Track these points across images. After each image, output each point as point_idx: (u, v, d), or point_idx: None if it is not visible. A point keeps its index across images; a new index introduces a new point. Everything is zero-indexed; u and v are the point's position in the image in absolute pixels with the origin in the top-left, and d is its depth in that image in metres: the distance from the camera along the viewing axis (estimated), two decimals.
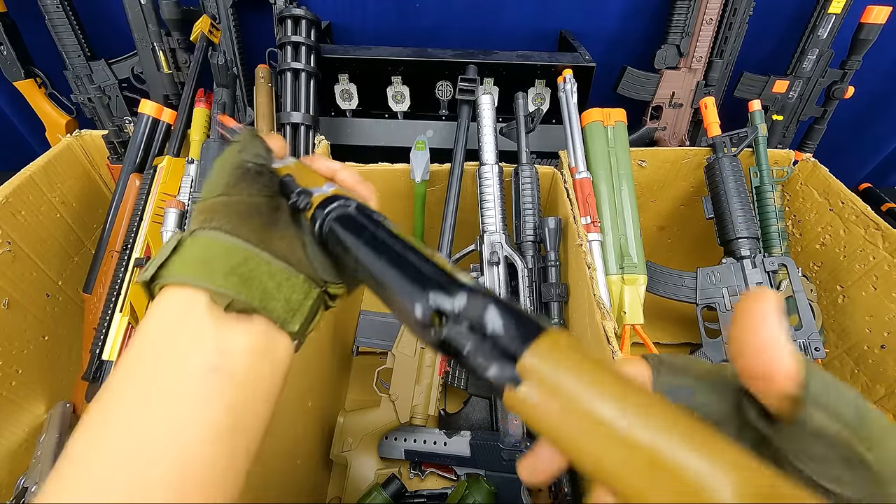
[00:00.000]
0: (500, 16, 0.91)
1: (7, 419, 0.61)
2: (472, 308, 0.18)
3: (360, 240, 0.24)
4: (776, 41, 0.93)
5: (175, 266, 0.24)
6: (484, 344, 0.18)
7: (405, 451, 0.68)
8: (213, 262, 0.24)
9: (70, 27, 0.80)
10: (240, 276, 0.24)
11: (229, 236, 0.25)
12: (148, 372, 0.22)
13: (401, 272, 0.21)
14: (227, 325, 0.23)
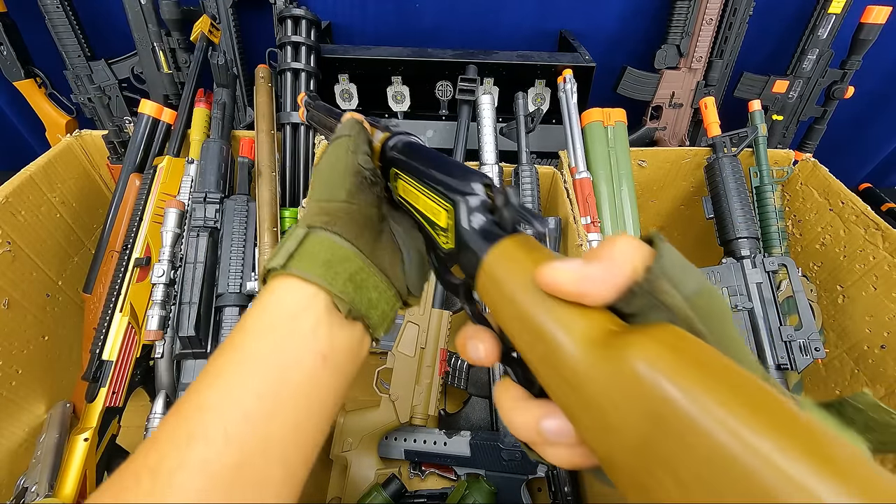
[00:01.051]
0: (500, 16, 0.91)
1: (7, 419, 0.61)
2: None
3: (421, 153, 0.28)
4: (776, 41, 0.93)
5: (304, 262, 0.26)
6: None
7: (405, 451, 0.68)
8: (336, 266, 0.26)
9: (70, 27, 0.80)
10: (355, 283, 0.26)
11: (350, 244, 0.27)
12: (268, 347, 0.24)
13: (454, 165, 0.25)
14: (338, 324, 0.26)
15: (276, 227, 0.66)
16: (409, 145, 0.29)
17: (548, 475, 0.64)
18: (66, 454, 0.55)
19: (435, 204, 0.25)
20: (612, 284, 0.17)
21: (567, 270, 0.18)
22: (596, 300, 0.18)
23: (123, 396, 0.60)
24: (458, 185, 0.23)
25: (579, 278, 0.18)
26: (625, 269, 0.17)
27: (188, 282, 0.62)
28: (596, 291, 0.17)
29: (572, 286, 0.18)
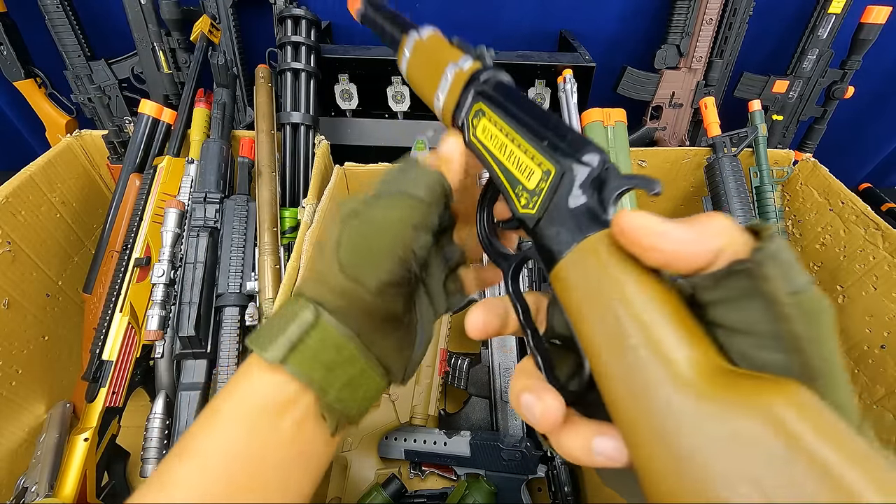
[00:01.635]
0: (500, 16, 0.91)
1: (7, 419, 0.61)
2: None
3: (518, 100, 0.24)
4: (776, 41, 0.93)
5: (304, 361, 0.22)
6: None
7: (405, 451, 0.68)
8: (337, 370, 0.23)
9: (70, 27, 0.80)
10: (351, 387, 0.23)
11: (358, 343, 0.23)
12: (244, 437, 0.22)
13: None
14: (321, 426, 0.23)
15: (275, 227, 0.66)
16: (505, 86, 0.25)
17: (548, 475, 0.64)
18: (66, 454, 0.55)
19: (530, 160, 0.21)
20: (705, 248, 0.15)
21: (650, 218, 0.16)
22: (681, 262, 0.16)
23: (123, 396, 0.60)
24: (571, 149, 0.20)
25: (664, 232, 0.16)
26: (713, 240, 0.16)
27: (188, 282, 0.62)
28: (680, 250, 0.16)
29: (656, 239, 0.16)
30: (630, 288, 0.16)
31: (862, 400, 0.67)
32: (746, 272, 0.15)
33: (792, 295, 0.14)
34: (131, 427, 0.65)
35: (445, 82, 0.27)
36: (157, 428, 0.61)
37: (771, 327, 0.15)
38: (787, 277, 0.15)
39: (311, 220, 0.60)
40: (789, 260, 0.15)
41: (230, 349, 0.62)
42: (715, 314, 0.16)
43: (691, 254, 0.16)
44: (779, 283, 0.15)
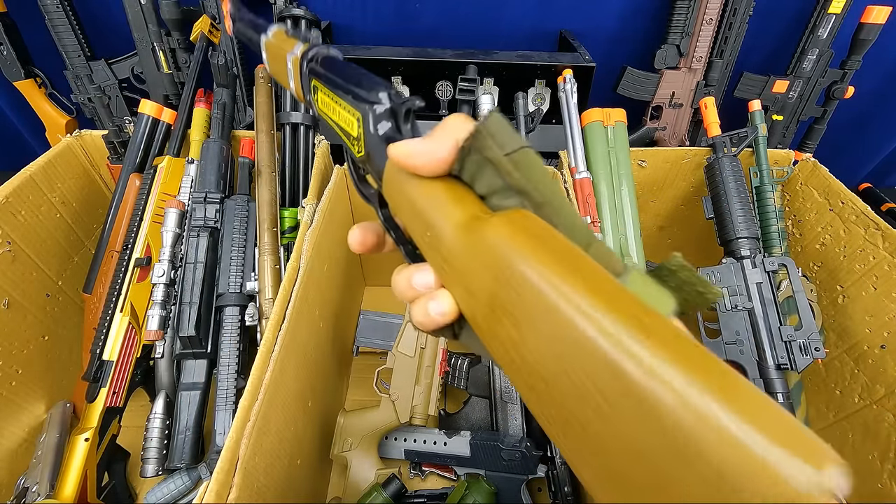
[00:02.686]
0: (500, 16, 0.91)
1: (7, 419, 0.61)
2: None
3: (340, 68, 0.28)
4: (776, 41, 0.93)
5: None
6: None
7: (405, 451, 0.68)
8: None
9: (70, 27, 0.80)
10: None
11: None
12: None
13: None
14: None
15: (275, 227, 0.66)
16: (328, 58, 0.29)
17: (548, 475, 0.64)
18: (67, 454, 0.55)
19: (348, 114, 0.25)
20: (435, 156, 0.21)
21: (401, 146, 0.21)
22: (426, 170, 0.21)
23: (124, 396, 0.60)
24: (366, 94, 0.24)
25: (408, 152, 0.21)
26: (448, 140, 0.21)
27: (188, 282, 0.62)
28: (421, 162, 0.21)
29: (405, 159, 0.21)
30: (411, 183, 0.22)
31: (862, 400, 0.67)
32: (473, 148, 0.20)
33: (506, 155, 0.20)
34: (131, 427, 0.65)
35: (289, 71, 0.30)
36: (157, 428, 0.61)
37: (502, 181, 0.20)
38: (501, 143, 0.20)
39: (310, 220, 0.60)
40: (500, 130, 0.20)
41: (230, 349, 0.62)
42: (475, 187, 0.21)
43: (436, 156, 0.21)
44: (493, 148, 0.20)
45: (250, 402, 0.43)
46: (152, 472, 0.59)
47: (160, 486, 0.59)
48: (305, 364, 0.56)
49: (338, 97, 0.26)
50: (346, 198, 0.74)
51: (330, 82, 0.27)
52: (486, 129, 0.20)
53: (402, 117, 0.24)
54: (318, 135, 0.73)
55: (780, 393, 0.65)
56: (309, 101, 0.30)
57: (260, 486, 0.44)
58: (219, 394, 0.60)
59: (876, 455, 0.65)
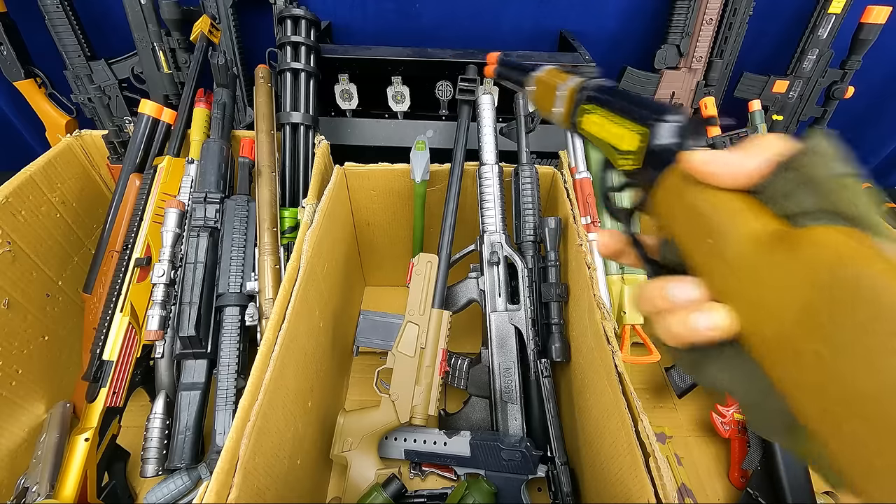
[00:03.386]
0: (500, 16, 0.91)
1: (7, 419, 0.61)
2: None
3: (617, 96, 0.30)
4: (776, 41, 0.93)
5: None
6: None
7: (405, 451, 0.68)
8: None
9: (70, 27, 0.80)
10: None
11: None
12: None
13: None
14: None
15: (275, 227, 0.66)
16: (605, 87, 0.33)
17: (548, 475, 0.64)
18: (67, 454, 0.55)
19: (626, 130, 0.28)
20: (743, 167, 0.20)
21: (703, 153, 0.21)
22: (727, 181, 0.20)
23: (124, 396, 0.60)
24: (655, 113, 0.26)
25: (710, 160, 0.21)
26: (761, 155, 0.20)
27: (188, 282, 0.62)
28: (725, 171, 0.20)
29: (705, 166, 0.21)
30: (702, 192, 0.22)
31: None
32: (795, 166, 0.19)
33: (837, 177, 0.18)
34: (131, 427, 0.65)
35: (560, 98, 0.36)
36: (157, 428, 0.61)
37: (820, 203, 0.18)
38: (832, 166, 0.18)
39: (310, 220, 0.60)
40: (832, 152, 0.19)
41: (230, 349, 0.62)
42: (780, 206, 0.20)
43: (744, 167, 0.20)
44: (823, 166, 0.18)
45: (250, 402, 0.43)
46: (152, 472, 0.59)
47: (160, 486, 0.59)
48: (305, 364, 0.56)
49: (617, 116, 0.29)
50: (346, 198, 0.74)
51: (607, 104, 0.30)
52: (818, 147, 0.19)
53: (689, 132, 0.25)
54: (318, 135, 0.73)
55: None
56: (573, 122, 0.34)
57: (260, 486, 0.44)
58: (219, 394, 0.60)
59: None
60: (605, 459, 0.52)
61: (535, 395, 0.66)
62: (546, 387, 0.65)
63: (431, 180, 0.70)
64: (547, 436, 0.64)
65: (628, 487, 0.45)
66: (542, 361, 0.66)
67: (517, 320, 0.66)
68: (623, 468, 0.47)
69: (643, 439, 0.44)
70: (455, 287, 0.69)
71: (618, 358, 0.49)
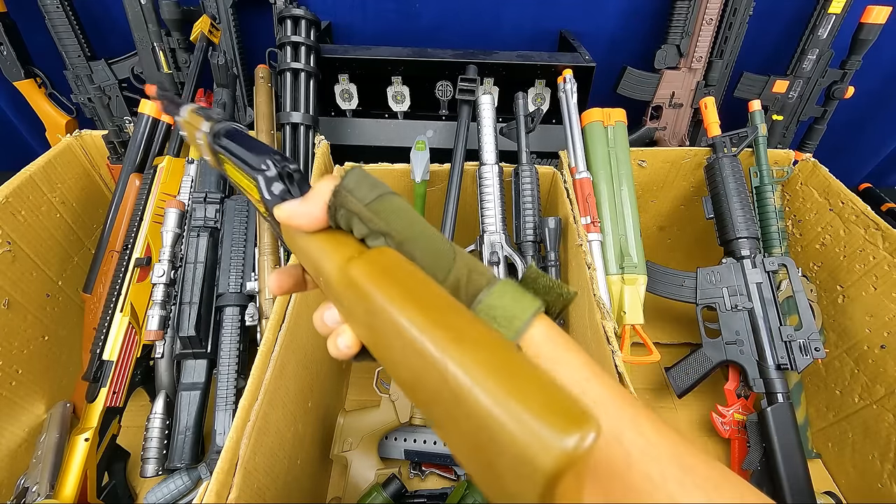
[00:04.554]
0: (500, 16, 0.91)
1: (7, 419, 0.61)
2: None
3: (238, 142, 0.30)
4: (776, 41, 0.93)
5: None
6: None
7: (405, 451, 0.68)
8: None
9: (70, 27, 0.80)
10: None
11: None
12: None
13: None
14: None
15: None
16: (230, 132, 0.31)
17: None
18: (67, 454, 0.55)
19: (248, 181, 0.28)
20: (311, 215, 0.24)
21: (284, 209, 0.25)
22: (307, 227, 0.25)
23: (124, 396, 0.60)
24: (255, 162, 0.27)
25: (289, 215, 0.25)
26: (319, 201, 0.24)
27: (188, 282, 0.62)
28: (302, 222, 0.25)
29: (287, 220, 0.25)
30: (303, 237, 0.26)
31: (862, 400, 0.67)
32: (339, 205, 0.24)
33: (366, 205, 0.23)
34: (131, 427, 0.65)
35: (202, 147, 0.32)
36: (157, 428, 0.61)
37: (368, 228, 0.24)
38: (359, 198, 0.24)
39: None
40: (358, 185, 0.24)
41: (230, 349, 0.62)
42: (354, 233, 0.24)
43: (312, 215, 0.25)
44: (353, 201, 0.24)
45: (250, 402, 0.43)
46: (152, 472, 0.59)
47: (160, 486, 0.59)
48: (305, 364, 0.56)
49: (238, 168, 0.28)
50: None
51: (231, 155, 0.29)
52: (345, 187, 0.24)
53: (287, 179, 0.27)
54: (318, 135, 0.73)
55: (780, 393, 0.65)
56: (222, 172, 0.32)
57: (260, 486, 0.44)
58: (219, 394, 0.60)
59: (876, 455, 0.65)
60: None
61: None
62: None
63: (431, 180, 0.70)
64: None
65: None
66: None
67: None
68: None
69: None
70: None
71: (618, 358, 0.49)
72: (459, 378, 0.17)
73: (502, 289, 0.23)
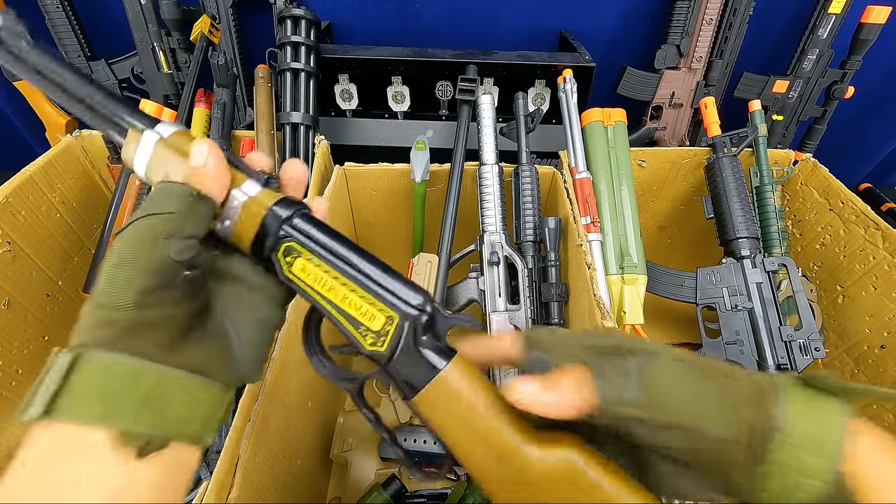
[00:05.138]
0: (500, 16, 0.91)
1: (7, 419, 0.61)
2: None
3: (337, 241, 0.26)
4: (776, 41, 0.93)
5: (73, 402, 0.21)
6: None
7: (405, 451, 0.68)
8: (119, 395, 0.21)
9: (70, 27, 0.80)
10: (151, 406, 0.21)
11: (137, 359, 0.22)
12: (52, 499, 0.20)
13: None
14: (131, 459, 0.21)
15: None
16: (317, 223, 0.26)
17: None
18: None
19: (367, 304, 0.24)
20: (559, 408, 0.22)
21: (521, 391, 0.23)
22: (553, 416, 0.22)
23: None
24: (405, 295, 0.24)
25: (530, 400, 0.22)
26: (572, 399, 0.22)
27: None
28: (542, 411, 0.22)
29: (525, 403, 0.22)
30: (480, 402, 0.24)
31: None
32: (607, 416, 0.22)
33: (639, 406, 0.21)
34: None
35: (231, 210, 0.25)
36: None
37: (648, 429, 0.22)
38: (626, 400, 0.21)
39: None
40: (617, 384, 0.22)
41: None
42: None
43: (559, 410, 0.22)
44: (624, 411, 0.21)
45: (250, 402, 0.43)
46: None
47: None
48: (305, 364, 0.56)
49: (352, 282, 0.24)
50: (346, 198, 0.74)
51: (334, 260, 0.24)
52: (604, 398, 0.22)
53: (445, 333, 0.25)
54: (318, 135, 0.73)
55: None
56: (266, 254, 0.26)
57: (260, 486, 0.44)
58: None
59: None
60: None
61: None
62: None
63: (431, 180, 0.70)
64: None
65: None
66: None
67: (517, 320, 0.66)
68: None
69: None
70: (455, 287, 0.69)
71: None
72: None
73: (796, 394, 0.20)
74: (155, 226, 0.23)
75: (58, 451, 0.21)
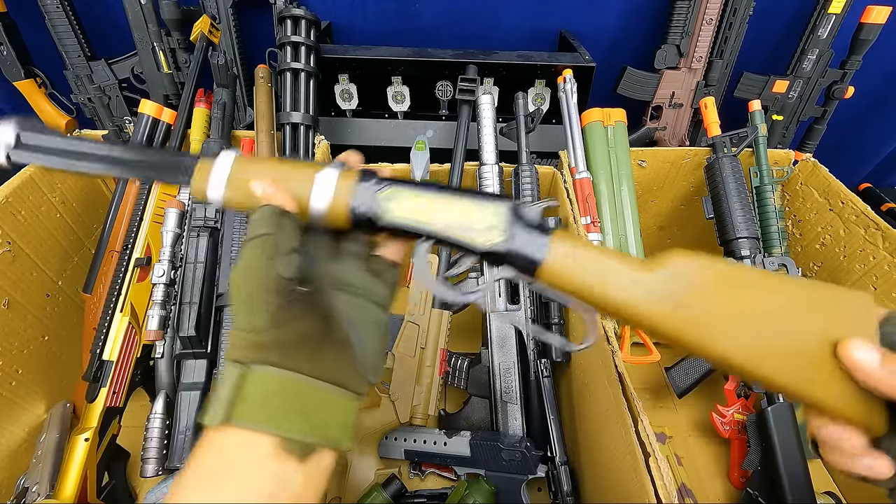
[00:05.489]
0: (500, 16, 0.91)
1: (7, 419, 0.61)
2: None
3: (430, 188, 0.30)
4: (776, 41, 0.93)
5: (244, 408, 0.24)
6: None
7: (405, 451, 0.68)
8: (279, 404, 0.24)
9: (70, 27, 0.80)
10: (304, 415, 0.25)
11: (288, 372, 0.25)
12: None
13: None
14: (289, 464, 0.24)
15: None
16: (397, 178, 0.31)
17: (548, 475, 0.64)
18: (67, 454, 0.55)
19: (477, 207, 0.29)
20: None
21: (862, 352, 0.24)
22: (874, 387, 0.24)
23: (124, 396, 0.60)
24: (499, 195, 0.30)
25: (869, 367, 0.24)
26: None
27: (188, 282, 0.62)
28: (879, 386, 0.24)
29: (861, 369, 0.24)
30: (592, 248, 0.29)
31: None
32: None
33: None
34: (131, 427, 0.65)
35: (325, 187, 0.29)
36: (157, 428, 0.61)
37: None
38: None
39: None
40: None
41: None
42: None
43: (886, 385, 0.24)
44: None
45: None
46: (152, 472, 0.59)
47: (160, 486, 0.59)
48: None
49: (456, 197, 0.29)
50: None
51: (437, 189, 0.29)
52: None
53: (538, 213, 0.29)
54: (318, 135, 0.73)
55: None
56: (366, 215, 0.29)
57: None
58: None
59: None
60: (605, 459, 0.52)
61: (535, 395, 0.66)
62: (546, 387, 0.65)
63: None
64: (547, 436, 0.64)
65: (628, 487, 0.45)
66: (542, 361, 0.66)
67: (517, 320, 0.66)
68: (623, 468, 0.47)
69: (643, 439, 0.44)
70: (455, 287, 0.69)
71: (618, 358, 0.49)
72: None
73: None
74: (259, 246, 0.26)
75: (231, 453, 0.24)
